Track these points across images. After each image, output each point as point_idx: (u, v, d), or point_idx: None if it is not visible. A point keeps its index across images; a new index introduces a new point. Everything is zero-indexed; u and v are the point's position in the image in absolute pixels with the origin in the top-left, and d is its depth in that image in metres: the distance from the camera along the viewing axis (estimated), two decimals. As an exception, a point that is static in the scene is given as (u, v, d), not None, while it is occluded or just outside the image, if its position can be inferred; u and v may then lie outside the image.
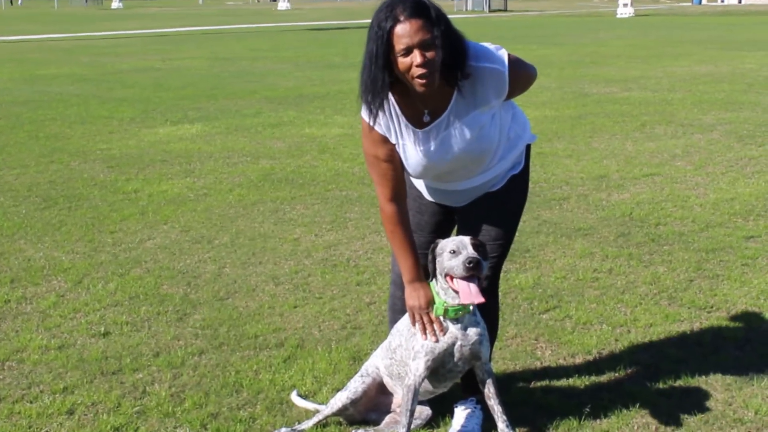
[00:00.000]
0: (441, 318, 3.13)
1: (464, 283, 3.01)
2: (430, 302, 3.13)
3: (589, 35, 27.99)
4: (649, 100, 12.39)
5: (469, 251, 3.02)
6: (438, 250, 3.10)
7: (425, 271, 3.21)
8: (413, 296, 3.16)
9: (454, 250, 3.02)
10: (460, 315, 3.12)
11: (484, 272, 3.07)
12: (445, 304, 3.10)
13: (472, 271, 2.99)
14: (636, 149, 8.87)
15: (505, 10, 54.29)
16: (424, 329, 3.13)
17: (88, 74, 17.37)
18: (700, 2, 66.89)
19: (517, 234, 3.48)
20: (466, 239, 3.07)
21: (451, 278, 3.05)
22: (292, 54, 21.91)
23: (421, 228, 3.39)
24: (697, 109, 11.45)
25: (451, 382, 3.31)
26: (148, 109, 12.35)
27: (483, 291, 3.03)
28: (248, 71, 17.53)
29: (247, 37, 29.42)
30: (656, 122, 10.48)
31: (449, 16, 2.98)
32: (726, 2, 66.49)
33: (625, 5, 44.00)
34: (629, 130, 10.02)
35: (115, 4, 63.78)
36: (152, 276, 5.28)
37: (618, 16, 43.26)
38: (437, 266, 3.10)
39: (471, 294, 2.99)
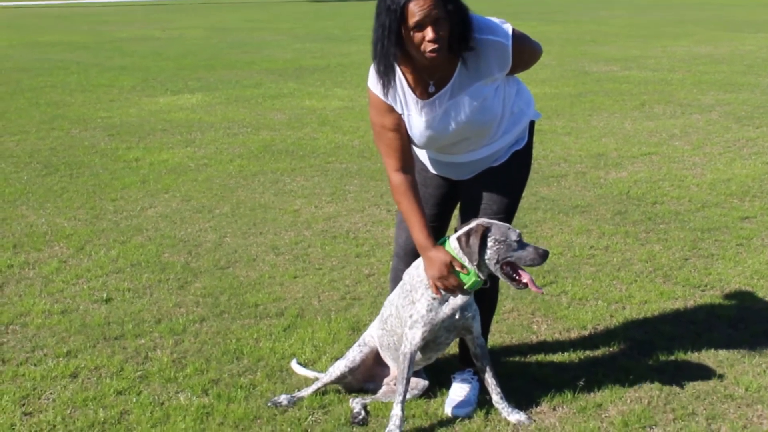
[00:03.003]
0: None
1: (526, 273, 3.12)
2: (450, 265, 3.13)
3: (588, 13, 27.92)
4: (648, 80, 12.40)
5: (530, 243, 3.13)
6: (497, 236, 3.09)
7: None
8: (431, 266, 3.15)
9: (518, 240, 3.10)
10: (474, 289, 3.20)
11: None
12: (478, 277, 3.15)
13: (543, 262, 3.12)
14: (635, 128, 8.90)
15: (506, -15, 54.01)
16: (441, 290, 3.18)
17: (87, 42, 17.32)
18: (701, -18, 66.52)
19: (515, 209, 3.53)
20: (512, 230, 3.12)
21: (508, 266, 3.11)
22: (290, 25, 21.85)
23: (425, 201, 3.40)
24: (697, 90, 11.48)
25: (437, 354, 3.40)
26: (148, 78, 12.34)
27: None
28: (246, 42, 17.49)
29: (244, 7, 29.28)
30: (655, 102, 10.51)
31: None
32: (727, -18, 66.10)
33: (627, -17, 43.78)
34: (628, 109, 10.05)
35: (113, -29, 63.30)
36: (153, 244, 5.33)
37: (619, -6, 43.05)
38: (493, 253, 3.10)
39: (533, 283, 3.12)
